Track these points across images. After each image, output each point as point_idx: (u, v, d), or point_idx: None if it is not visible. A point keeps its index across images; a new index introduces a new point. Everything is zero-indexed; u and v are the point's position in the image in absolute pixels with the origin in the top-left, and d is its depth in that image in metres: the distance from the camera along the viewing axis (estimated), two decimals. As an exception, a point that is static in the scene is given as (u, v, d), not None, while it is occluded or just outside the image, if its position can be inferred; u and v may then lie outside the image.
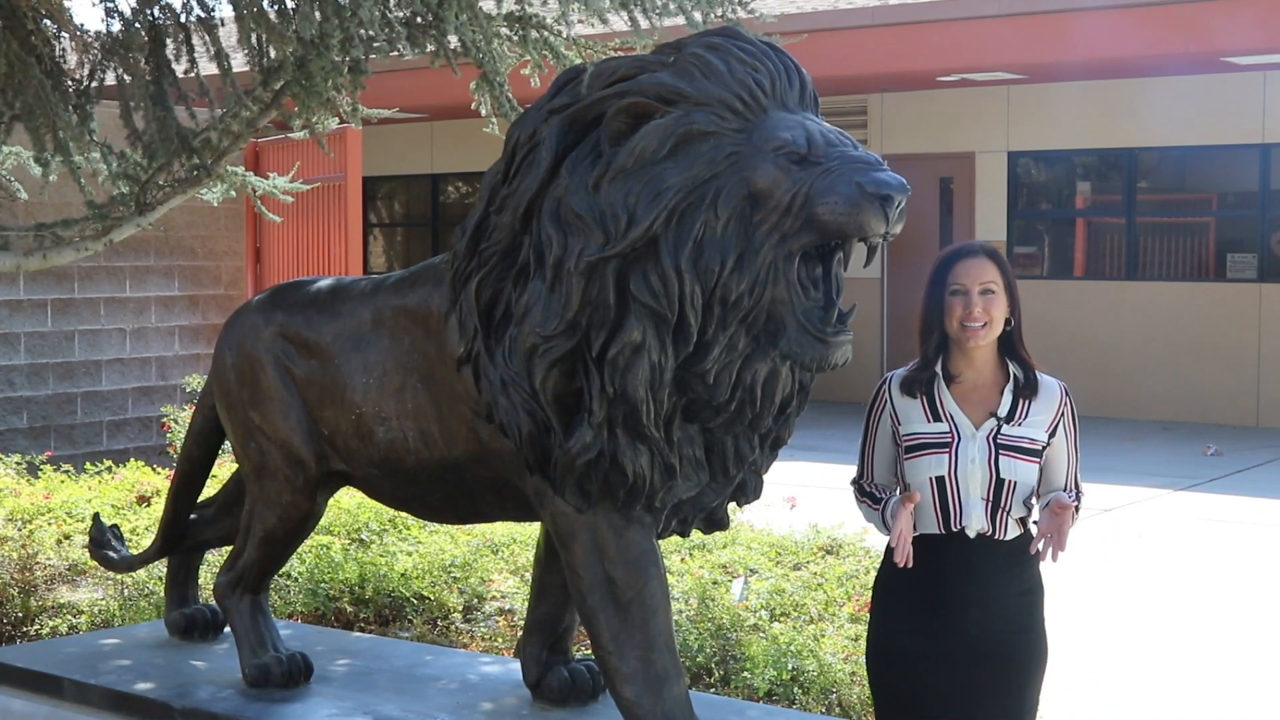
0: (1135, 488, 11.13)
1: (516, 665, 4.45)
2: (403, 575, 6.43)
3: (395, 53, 5.36)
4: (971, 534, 3.64)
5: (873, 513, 3.77)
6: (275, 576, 5.11)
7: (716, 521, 3.90)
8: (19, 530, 7.17)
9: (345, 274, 10.74)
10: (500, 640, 6.02)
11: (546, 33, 5.59)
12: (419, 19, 5.26)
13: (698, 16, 5.07)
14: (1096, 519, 9.86)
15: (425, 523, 6.97)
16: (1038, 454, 3.70)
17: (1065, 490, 3.75)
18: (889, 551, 3.71)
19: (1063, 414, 3.76)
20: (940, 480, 3.65)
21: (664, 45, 3.61)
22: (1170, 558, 8.86)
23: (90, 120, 5.55)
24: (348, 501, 7.20)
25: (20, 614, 6.44)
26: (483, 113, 5.64)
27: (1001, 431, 3.66)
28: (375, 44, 5.28)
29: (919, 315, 3.76)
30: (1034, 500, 3.70)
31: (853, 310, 3.50)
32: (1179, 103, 14.80)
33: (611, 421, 3.52)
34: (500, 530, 6.99)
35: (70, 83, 5.56)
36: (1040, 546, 3.60)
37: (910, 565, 3.57)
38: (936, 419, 3.68)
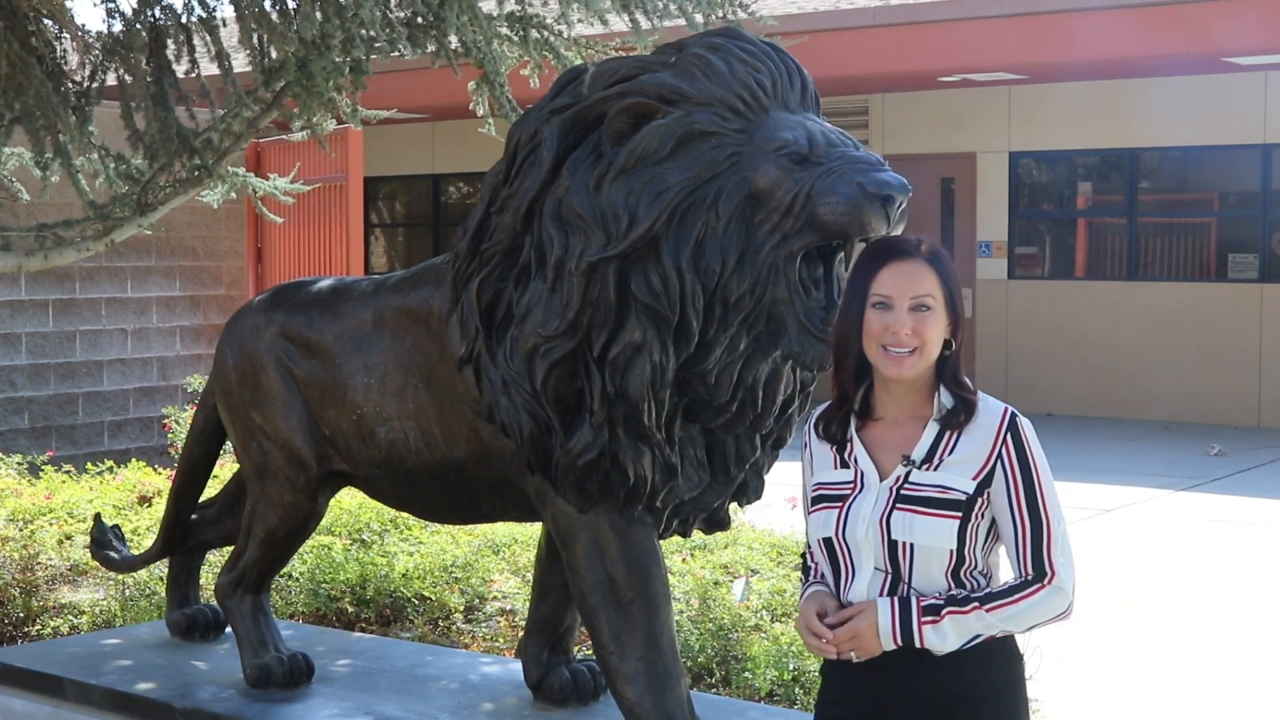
0: (1137, 488, 11.12)
1: (518, 665, 4.44)
2: (404, 575, 6.42)
3: (396, 53, 5.36)
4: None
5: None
6: (276, 576, 5.11)
7: (718, 522, 3.90)
8: (20, 530, 7.17)
9: (346, 274, 10.75)
10: (501, 640, 6.01)
11: (547, 33, 5.59)
12: (420, 19, 5.27)
13: (698, 18, 5.07)
14: (1098, 519, 9.86)
15: (426, 523, 6.97)
16: (956, 507, 2.73)
17: (1020, 573, 2.75)
18: None
19: (1000, 455, 2.75)
20: (828, 543, 2.83)
21: (665, 46, 3.62)
22: (1173, 558, 8.85)
23: (89, 122, 5.55)
24: (349, 502, 7.19)
25: (22, 614, 6.44)
26: (481, 113, 5.64)
27: (909, 479, 2.77)
28: (376, 44, 5.29)
29: (835, 332, 2.89)
30: (982, 575, 2.79)
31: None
32: (1180, 103, 14.80)
33: (612, 421, 3.52)
34: (501, 530, 6.98)
35: (71, 84, 5.57)
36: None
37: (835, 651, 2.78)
38: (844, 466, 2.85)
